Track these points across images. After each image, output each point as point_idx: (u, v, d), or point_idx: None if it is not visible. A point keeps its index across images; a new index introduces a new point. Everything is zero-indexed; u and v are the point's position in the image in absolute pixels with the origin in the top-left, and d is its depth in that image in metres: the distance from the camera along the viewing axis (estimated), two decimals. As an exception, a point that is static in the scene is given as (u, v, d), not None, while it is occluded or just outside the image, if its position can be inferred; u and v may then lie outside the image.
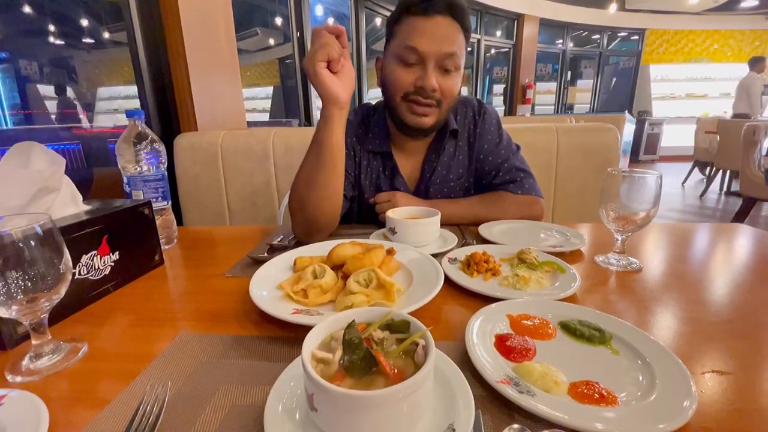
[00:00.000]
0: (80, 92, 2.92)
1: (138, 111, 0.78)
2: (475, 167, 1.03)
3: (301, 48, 3.21)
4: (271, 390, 0.35)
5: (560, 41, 7.92)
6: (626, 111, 7.31)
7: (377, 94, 4.42)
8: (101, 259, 0.60)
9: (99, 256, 0.60)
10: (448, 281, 0.60)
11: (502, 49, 7.25)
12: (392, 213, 0.80)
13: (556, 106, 8.37)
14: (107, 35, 2.69)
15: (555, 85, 8.27)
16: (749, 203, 3.43)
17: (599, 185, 0.72)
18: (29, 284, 0.40)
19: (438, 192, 1.01)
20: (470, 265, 0.64)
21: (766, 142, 3.36)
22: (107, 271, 0.61)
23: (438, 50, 0.84)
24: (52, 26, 2.56)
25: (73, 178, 0.64)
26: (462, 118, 1.03)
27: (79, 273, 0.56)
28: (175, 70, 1.59)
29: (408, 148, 1.01)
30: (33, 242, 0.40)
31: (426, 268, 0.62)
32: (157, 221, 0.76)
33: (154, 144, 0.80)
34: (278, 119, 5.36)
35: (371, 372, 0.31)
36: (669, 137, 7.86)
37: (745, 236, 0.85)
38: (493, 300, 0.54)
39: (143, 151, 0.78)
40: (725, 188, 5.11)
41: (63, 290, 0.44)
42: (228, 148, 1.51)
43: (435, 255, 0.68)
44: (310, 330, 0.34)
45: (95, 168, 2.14)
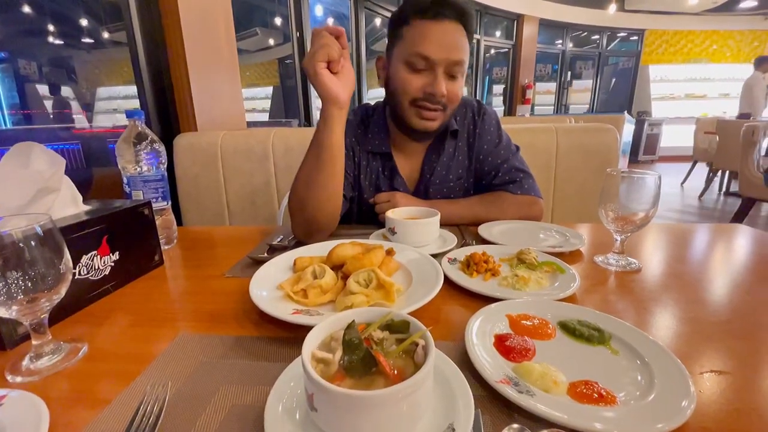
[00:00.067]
0: (79, 92, 2.92)
1: (138, 111, 0.78)
2: (475, 168, 1.03)
3: (301, 48, 3.21)
4: (271, 390, 0.35)
5: (560, 42, 7.93)
6: (625, 111, 7.30)
7: (377, 95, 4.43)
8: (101, 260, 0.60)
9: (99, 257, 0.60)
10: (448, 281, 0.61)
11: (502, 50, 7.25)
12: (392, 213, 0.80)
13: (556, 107, 8.38)
14: (107, 35, 2.69)
15: (554, 86, 8.27)
16: (748, 203, 3.43)
17: (598, 186, 0.72)
18: (29, 284, 0.40)
19: (437, 192, 1.02)
20: (470, 266, 0.64)
21: (765, 143, 3.37)
22: (107, 272, 0.61)
23: (447, 57, 0.84)
24: (52, 26, 2.56)
25: (73, 179, 0.64)
26: (461, 119, 1.03)
27: (79, 273, 0.56)
28: (175, 70, 1.59)
29: (407, 149, 1.01)
30: (33, 242, 0.40)
31: (426, 269, 0.62)
32: (157, 221, 0.76)
33: (154, 144, 0.80)
34: (278, 119, 5.36)
35: (371, 372, 0.31)
36: (668, 138, 7.86)
37: (744, 237, 0.85)
38: (493, 300, 0.54)
39: (143, 152, 0.78)
40: (724, 188, 5.12)
41: (63, 290, 0.44)
42: (228, 149, 1.51)
43: (435, 255, 0.68)
44: (310, 330, 0.34)
45: (95, 168, 2.14)
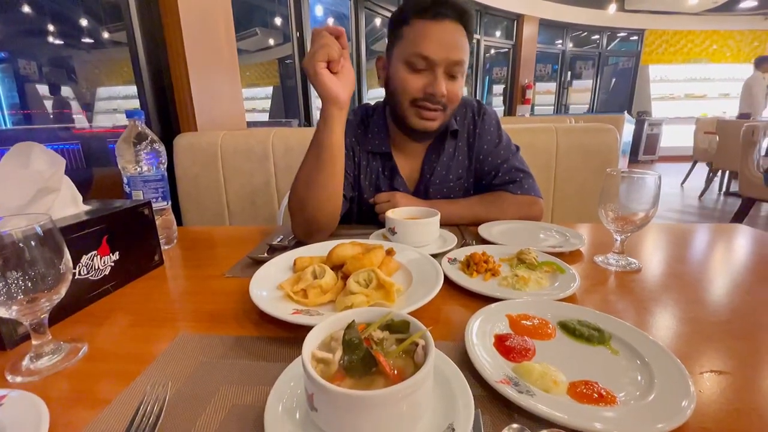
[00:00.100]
0: (79, 92, 2.92)
1: (138, 111, 0.78)
2: (475, 168, 1.03)
3: (301, 48, 3.21)
4: (271, 390, 0.35)
5: (560, 42, 7.93)
6: (625, 111, 7.30)
7: (377, 95, 4.43)
8: (101, 260, 0.60)
9: (99, 257, 0.60)
10: (448, 281, 0.61)
11: (502, 50, 7.25)
12: (392, 213, 0.80)
13: (556, 107, 8.38)
14: (107, 35, 2.69)
15: (554, 86, 8.27)
16: (748, 203, 3.43)
17: (598, 186, 0.72)
18: (29, 284, 0.40)
19: (437, 192, 1.02)
20: (470, 266, 0.64)
21: (765, 143, 3.37)
22: (107, 272, 0.61)
23: (448, 57, 0.84)
24: (52, 26, 2.56)
25: (73, 179, 0.64)
26: (461, 119, 1.03)
27: (79, 273, 0.56)
28: (175, 70, 1.59)
29: (407, 149, 1.01)
30: (33, 242, 0.40)
31: (426, 269, 0.62)
32: (157, 221, 0.76)
33: (154, 144, 0.80)
34: (278, 119, 5.36)
35: (371, 372, 0.31)
36: (668, 138, 7.87)
37: (744, 237, 0.85)
38: (493, 300, 0.54)
39: (143, 152, 0.78)
40: (724, 188, 5.12)
41: (63, 290, 0.44)
42: (227, 149, 1.51)
43: (435, 255, 0.68)
44: (310, 330, 0.34)
45: (95, 168, 2.14)
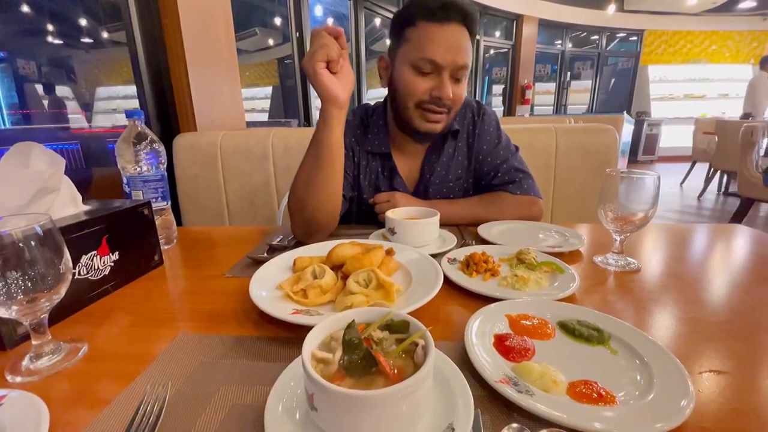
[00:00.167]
0: (79, 92, 2.91)
1: (137, 111, 0.78)
2: (474, 168, 1.03)
3: (301, 48, 3.21)
4: (271, 390, 0.35)
5: (559, 42, 7.94)
6: (625, 112, 7.31)
7: (377, 95, 4.43)
8: (101, 260, 0.60)
9: (99, 257, 0.60)
10: (448, 281, 0.61)
11: (501, 50, 7.26)
12: (391, 213, 0.80)
13: (555, 107, 8.38)
14: (106, 35, 2.68)
15: (554, 86, 8.28)
16: (747, 204, 3.44)
17: (598, 186, 0.72)
18: (29, 284, 0.40)
19: (437, 192, 1.02)
20: (469, 266, 0.64)
21: (764, 143, 3.38)
22: (107, 272, 0.61)
23: (454, 61, 0.85)
24: (51, 26, 2.56)
25: (73, 179, 0.64)
26: (461, 119, 1.03)
27: (79, 273, 0.56)
28: (174, 70, 1.59)
29: (407, 149, 1.02)
30: (33, 242, 0.40)
31: (425, 269, 0.62)
32: (157, 221, 0.76)
33: (154, 144, 0.80)
34: (277, 119, 5.36)
35: (371, 372, 0.31)
36: (667, 138, 7.87)
37: (743, 237, 0.85)
38: (492, 300, 0.54)
39: (143, 152, 0.78)
40: (723, 189, 5.13)
41: (63, 290, 0.44)
42: (227, 149, 1.51)
43: (434, 255, 0.68)
44: (310, 330, 0.34)
45: (94, 168, 2.13)
